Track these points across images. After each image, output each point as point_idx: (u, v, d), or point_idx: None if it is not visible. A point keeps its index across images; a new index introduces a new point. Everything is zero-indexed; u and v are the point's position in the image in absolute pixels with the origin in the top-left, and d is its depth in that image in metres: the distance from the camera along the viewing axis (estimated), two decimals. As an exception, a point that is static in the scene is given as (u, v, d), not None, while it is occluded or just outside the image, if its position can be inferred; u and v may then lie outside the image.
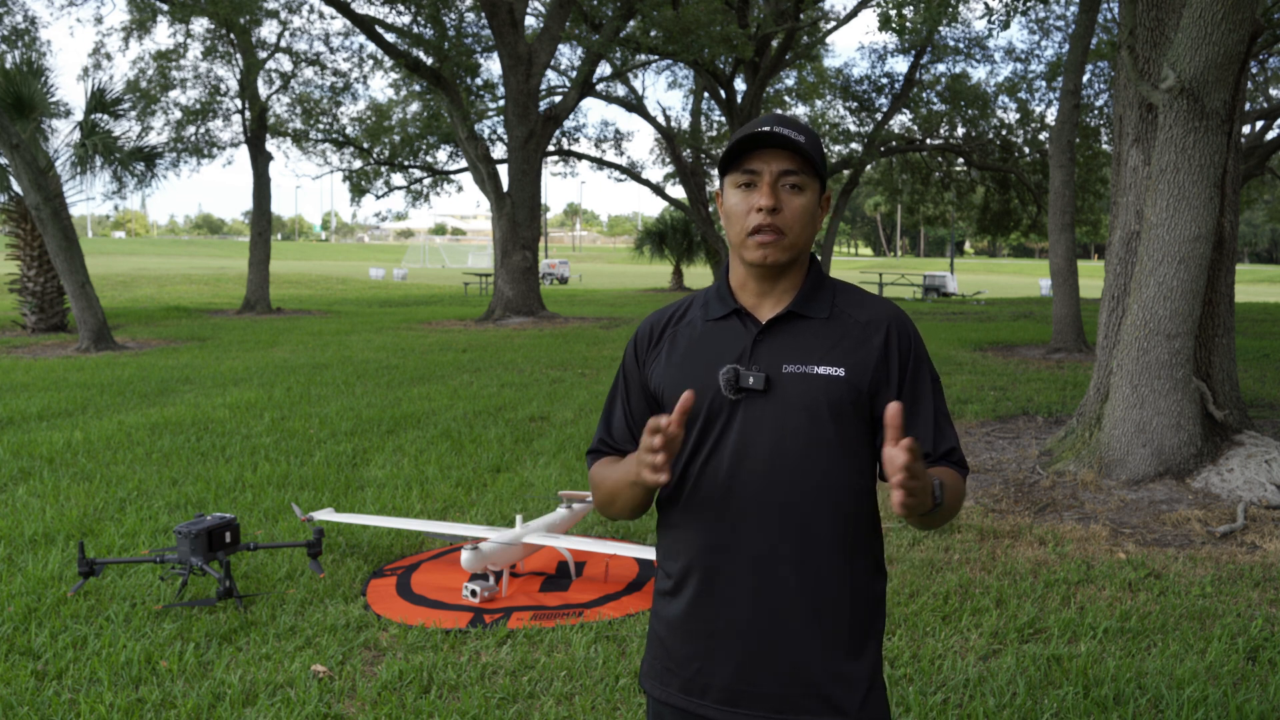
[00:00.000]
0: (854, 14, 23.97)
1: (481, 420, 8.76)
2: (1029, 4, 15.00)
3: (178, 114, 23.04)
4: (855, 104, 27.69)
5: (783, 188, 1.67)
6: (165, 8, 20.14)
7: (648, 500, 1.74)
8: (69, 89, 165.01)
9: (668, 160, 29.53)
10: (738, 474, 1.67)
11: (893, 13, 13.88)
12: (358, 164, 27.25)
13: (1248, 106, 15.73)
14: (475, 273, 37.14)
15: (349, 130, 26.37)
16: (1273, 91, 21.08)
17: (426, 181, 28.85)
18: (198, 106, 23.10)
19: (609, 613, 4.31)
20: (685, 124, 29.28)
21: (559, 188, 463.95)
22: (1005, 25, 14.62)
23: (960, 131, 27.10)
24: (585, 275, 52.68)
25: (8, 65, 16.96)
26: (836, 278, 1.83)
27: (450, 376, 11.62)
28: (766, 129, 1.65)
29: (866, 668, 1.71)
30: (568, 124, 26.77)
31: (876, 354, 1.70)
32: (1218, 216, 6.21)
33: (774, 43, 23.86)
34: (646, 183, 28.10)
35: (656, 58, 23.95)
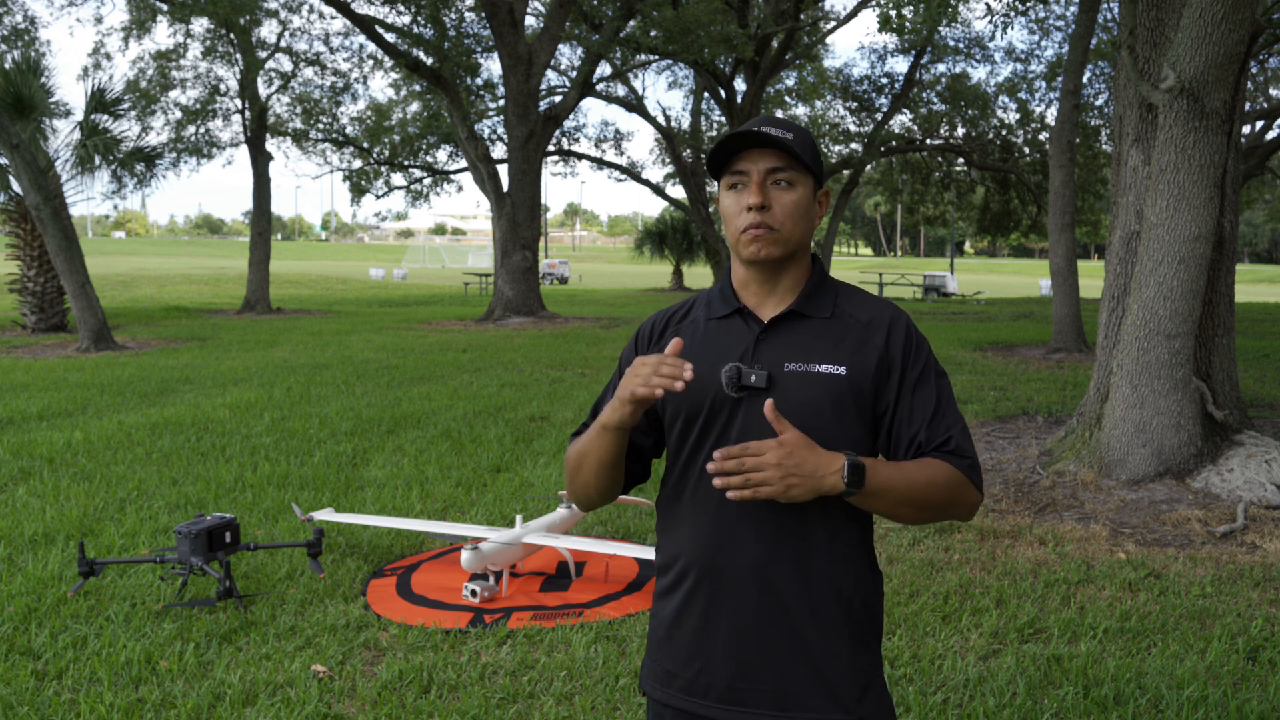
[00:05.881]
0: (854, 14, 23.97)
1: (481, 420, 8.76)
2: (1028, 4, 14.98)
3: (178, 114, 23.08)
4: (855, 104, 27.68)
5: (772, 185, 1.69)
6: (165, 8, 20.13)
7: (615, 462, 1.72)
8: (69, 89, 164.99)
9: (668, 160, 29.53)
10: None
11: (892, 13, 13.86)
12: (358, 164, 27.29)
13: (1248, 106, 15.71)
14: (475, 273, 37.16)
15: (349, 130, 26.39)
16: (1273, 91, 21.08)
17: (426, 181, 28.88)
18: (198, 106, 23.12)
19: (609, 613, 4.31)
20: (685, 124, 29.27)
21: (559, 188, 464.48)
22: (1006, 25, 14.60)
23: (960, 131, 27.09)
24: (585, 275, 52.68)
25: (8, 65, 16.96)
26: (838, 279, 1.83)
27: (450, 376, 11.62)
28: (750, 129, 1.68)
29: (865, 663, 1.73)
30: (568, 124, 26.79)
31: (878, 353, 1.71)
32: (1218, 216, 6.21)
33: (774, 43, 23.86)
34: (646, 183, 28.11)
35: (656, 58, 23.95)
